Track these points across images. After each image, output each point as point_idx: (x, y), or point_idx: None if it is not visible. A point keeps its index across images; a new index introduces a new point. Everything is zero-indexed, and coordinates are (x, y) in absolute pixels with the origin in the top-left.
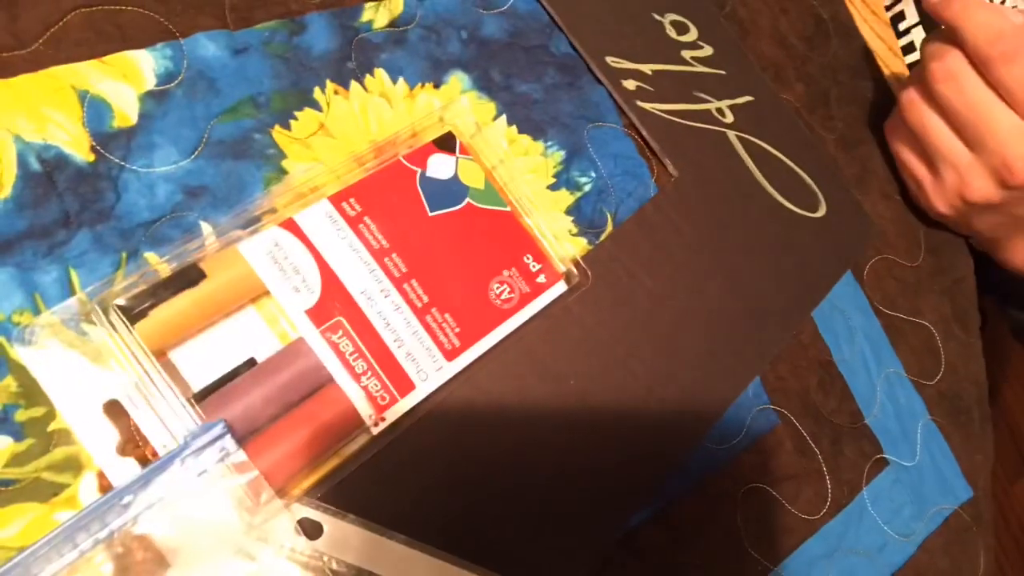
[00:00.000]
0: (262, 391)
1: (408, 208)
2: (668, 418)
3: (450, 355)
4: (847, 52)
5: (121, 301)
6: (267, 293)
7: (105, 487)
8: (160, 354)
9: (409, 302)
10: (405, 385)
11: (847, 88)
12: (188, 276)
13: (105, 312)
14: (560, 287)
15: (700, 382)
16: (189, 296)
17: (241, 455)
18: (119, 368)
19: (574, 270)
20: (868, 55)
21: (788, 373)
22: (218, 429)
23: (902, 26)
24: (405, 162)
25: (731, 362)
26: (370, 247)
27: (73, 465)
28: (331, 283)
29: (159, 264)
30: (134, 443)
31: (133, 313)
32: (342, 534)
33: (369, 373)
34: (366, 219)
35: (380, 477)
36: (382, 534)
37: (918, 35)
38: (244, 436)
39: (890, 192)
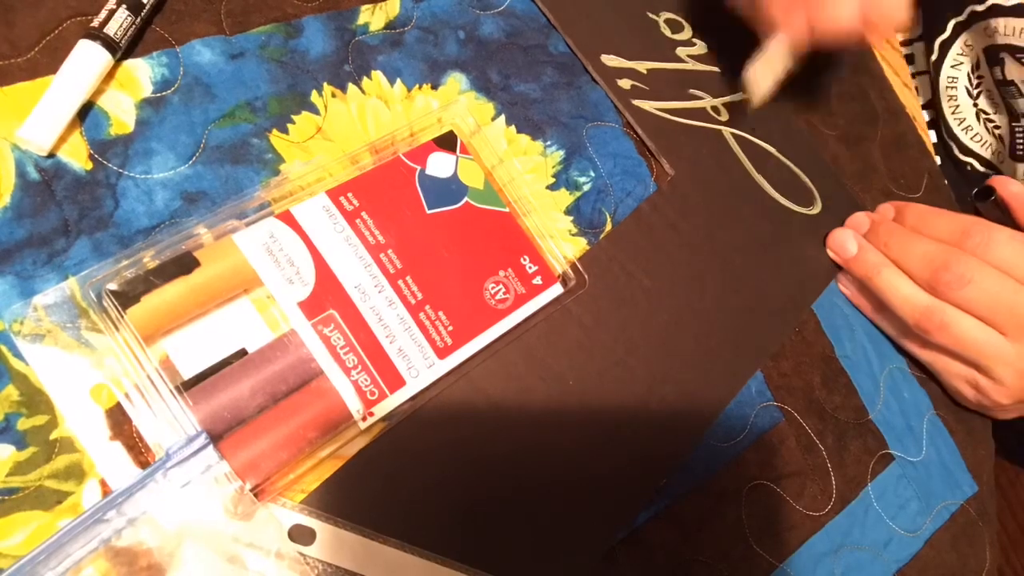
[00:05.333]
0: (250, 381)
1: (406, 205)
2: (667, 417)
3: (442, 353)
4: (848, 48)
5: (113, 286)
6: (261, 284)
7: (108, 493)
8: (151, 341)
9: (403, 298)
10: (395, 381)
11: (848, 85)
12: (182, 263)
13: (97, 297)
14: (556, 290)
15: (699, 380)
16: (182, 283)
17: (225, 466)
18: (110, 355)
19: (571, 273)
20: (869, 51)
21: (791, 370)
22: (200, 441)
23: None
24: (405, 159)
25: (730, 359)
26: (366, 242)
27: (76, 473)
28: (325, 276)
29: (153, 254)
30: (136, 448)
31: (125, 298)
32: (334, 539)
33: (359, 367)
34: (363, 214)
35: (376, 474)
36: (374, 539)
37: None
38: (231, 426)
39: (892, 188)
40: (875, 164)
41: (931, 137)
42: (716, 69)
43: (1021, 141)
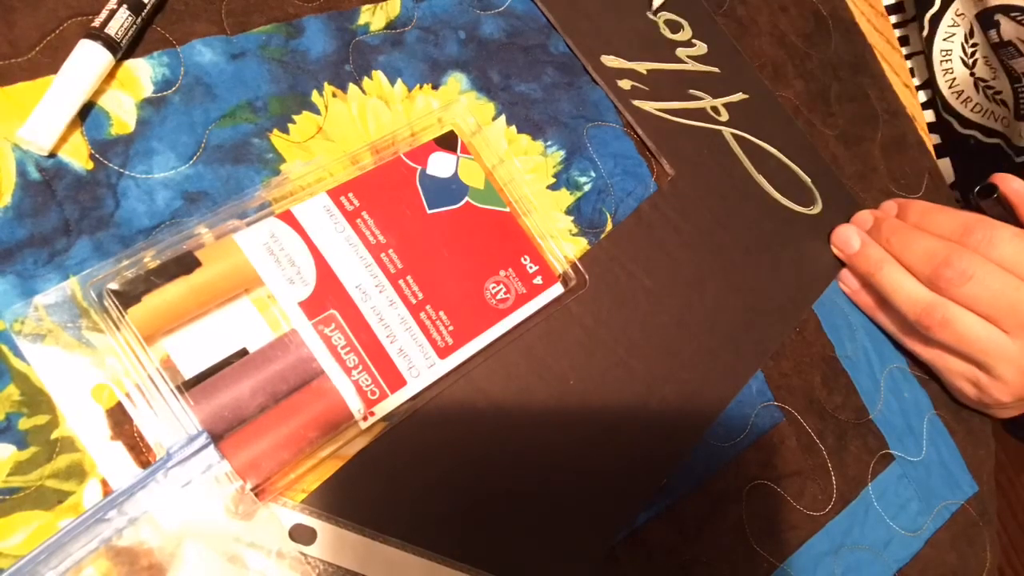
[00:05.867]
0: (251, 381)
1: (407, 205)
2: (668, 416)
3: (443, 353)
4: (847, 49)
5: (114, 285)
6: (262, 283)
7: (109, 493)
8: (152, 340)
9: (404, 298)
10: (396, 380)
11: (848, 85)
12: (183, 263)
13: (99, 296)
14: (557, 289)
15: (699, 380)
16: (183, 283)
17: (226, 465)
18: (111, 354)
19: (571, 272)
20: (868, 51)
21: (792, 370)
22: (200, 440)
23: (900, 18)
24: (405, 159)
25: (730, 359)
26: (367, 242)
27: (77, 472)
28: (326, 276)
29: (154, 254)
30: (137, 448)
31: (126, 298)
32: (335, 539)
33: (360, 367)
34: (364, 214)
35: (377, 474)
36: (375, 538)
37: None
38: (232, 425)
39: (892, 188)
40: (875, 164)
41: (929, 117)
42: (716, 70)
43: None
